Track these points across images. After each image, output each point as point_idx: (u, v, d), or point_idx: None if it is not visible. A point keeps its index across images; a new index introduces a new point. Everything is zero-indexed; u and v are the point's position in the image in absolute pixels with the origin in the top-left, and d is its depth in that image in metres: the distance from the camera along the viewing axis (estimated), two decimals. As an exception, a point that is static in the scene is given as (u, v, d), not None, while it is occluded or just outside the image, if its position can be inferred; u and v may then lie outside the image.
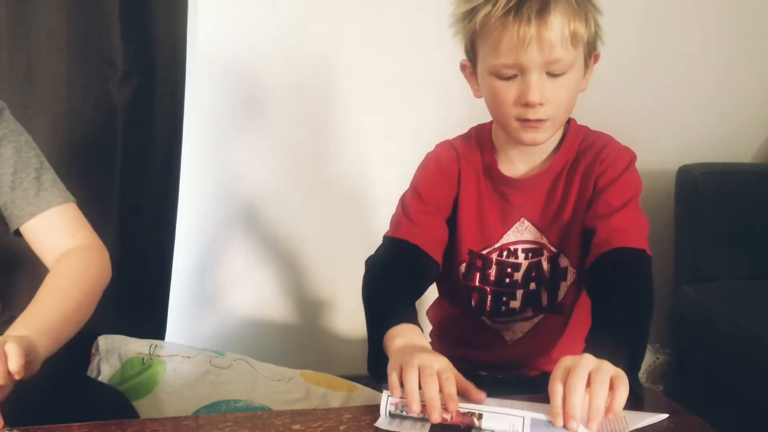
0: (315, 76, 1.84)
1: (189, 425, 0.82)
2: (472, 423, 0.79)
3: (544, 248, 1.10)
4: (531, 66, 0.96)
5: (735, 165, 2.00)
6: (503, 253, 1.11)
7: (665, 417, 0.83)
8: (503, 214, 1.10)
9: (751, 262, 1.86)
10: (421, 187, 1.11)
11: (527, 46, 0.94)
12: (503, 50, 0.96)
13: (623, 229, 1.00)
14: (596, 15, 1.00)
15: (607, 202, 1.03)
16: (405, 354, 0.85)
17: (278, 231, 1.93)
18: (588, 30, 0.98)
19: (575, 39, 0.96)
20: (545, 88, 0.97)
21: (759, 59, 2.04)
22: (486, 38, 0.98)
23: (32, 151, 1.07)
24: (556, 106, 0.99)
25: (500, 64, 0.98)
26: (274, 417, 0.83)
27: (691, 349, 1.83)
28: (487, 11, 0.96)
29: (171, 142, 1.72)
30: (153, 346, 1.32)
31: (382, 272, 1.05)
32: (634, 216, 1.03)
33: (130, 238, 1.69)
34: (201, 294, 1.92)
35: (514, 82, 0.98)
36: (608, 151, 1.06)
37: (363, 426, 0.81)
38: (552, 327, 1.13)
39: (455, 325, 1.19)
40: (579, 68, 1.00)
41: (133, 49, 1.63)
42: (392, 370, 0.83)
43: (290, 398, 1.29)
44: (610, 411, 0.76)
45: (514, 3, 0.94)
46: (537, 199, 1.09)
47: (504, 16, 0.94)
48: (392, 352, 0.89)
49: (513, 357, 1.14)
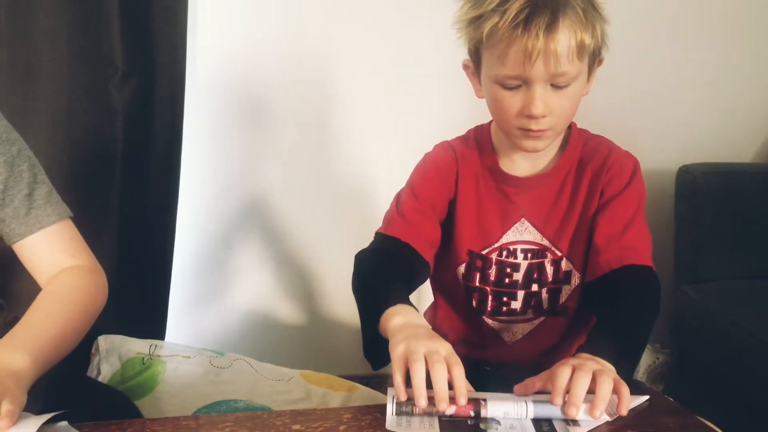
0: (315, 75, 1.84)
1: (189, 425, 0.82)
2: (478, 411, 0.80)
3: (547, 250, 1.10)
4: (536, 79, 0.95)
5: (735, 165, 2.01)
6: (503, 253, 1.11)
7: (647, 398, 0.87)
8: (504, 213, 1.10)
9: (751, 262, 1.86)
10: (417, 186, 1.11)
11: (534, 61, 0.93)
12: (509, 63, 0.95)
13: (634, 247, 1.02)
14: (603, 24, 0.99)
15: (616, 214, 1.04)
16: (409, 336, 0.84)
17: (278, 231, 1.93)
18: (594, 40, 0.97)
19: (582, 51, 0.95)
20: (549, 99, 0.97)
21: (759, 59, 2.04)
22: (492, 49, 0.97)
23: (25, 163, 0.99)
24: (558, 116, 0.99)
25: (505, 76, 0.97)
26: (274, 417, 0.83)
27: (691, 349, 1.83)
28: (495, 22, 0.94)
29: (171, 142, 1.72)
30: (153, 346, 1.32)
31: (373, 266, 1.05)
32: (642, 231, 1.05)
33: (130, 238, 1.69)
34: (201, 294, 1.92)
35: (518, 92, 0.98)
36: (614, 160, 1.07)
37: (363, 426, 0.81)
38: (552, 329, 1.13)
39: (453, 326, 1.19)
40: (583, 78, 1.00)
41: (133, 49, 1.63)
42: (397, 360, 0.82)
43: (290, 398, 1.29)
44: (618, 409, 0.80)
45: (523, 17, 0.92)
46: (540, 200, 1.09)
47: (512, 29, 0.93)
48: (392, 331, 0.88)
49: (511, 357, 1.15)
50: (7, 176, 0.97)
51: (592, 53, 0.99)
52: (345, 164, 1.91)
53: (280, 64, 1.82)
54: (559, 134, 1.06)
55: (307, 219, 1.92)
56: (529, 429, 0.79)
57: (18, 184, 0.98)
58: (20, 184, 0.98)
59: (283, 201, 1.91)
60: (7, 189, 0.97)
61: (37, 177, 1.00)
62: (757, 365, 1.54)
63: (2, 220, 0.98)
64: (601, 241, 1.04)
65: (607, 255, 1.02)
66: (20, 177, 0.98)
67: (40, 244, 0.99)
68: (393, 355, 0.84)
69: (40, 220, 0.98)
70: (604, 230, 1.04)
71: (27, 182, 0.99)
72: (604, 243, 1.03)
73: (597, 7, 0.98)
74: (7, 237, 0.99)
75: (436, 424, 0.79)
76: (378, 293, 0.98)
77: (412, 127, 1.84)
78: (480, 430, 0.79)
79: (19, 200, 0.98)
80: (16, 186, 0.98)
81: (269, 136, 1.87)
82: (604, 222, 1.05)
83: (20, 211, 0.98)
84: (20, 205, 0.98)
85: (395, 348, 0.84)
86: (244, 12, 1.78)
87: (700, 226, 1.87)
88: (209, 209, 1.89)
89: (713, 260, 1.86)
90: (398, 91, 1.87)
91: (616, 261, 1.01)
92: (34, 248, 0.99)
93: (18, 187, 0.98)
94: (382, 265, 1.05)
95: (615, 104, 1.89)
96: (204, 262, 1.91)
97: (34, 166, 1.01)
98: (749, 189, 1.91)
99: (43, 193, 1.00)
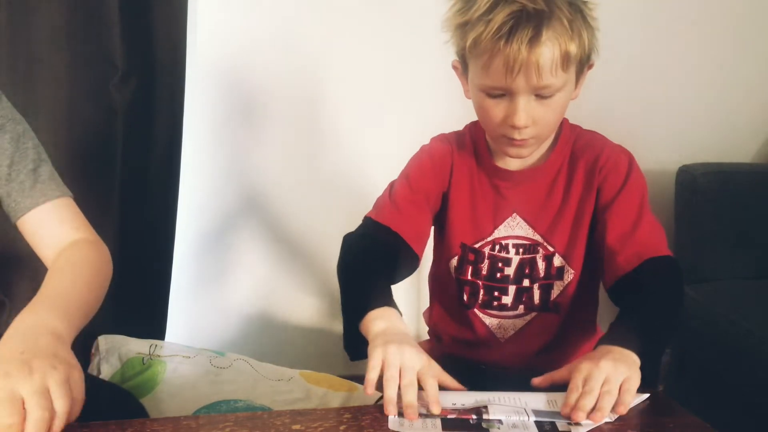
0: (316, 75, 1.84)
1: (189, 425, 0.82)
2: (480, 414, 0.82)
3: (539, 246, 1.10)
4: (519, 90, 0.95)
5: (735, 165, 2.00)
6: (495, 247, 1.11)
7: (647, 398, 0.87)
8: (496, 208, 1.10)
9: (751, 262, 1.86)
10: (412, 176, 1.12)
11: (516, 74, 0.93)
12: (492, 74, 0.95)
13: (648, 240, 1.02)
14: (591, 32, 0.98)
15: (622, 212, 1.04)
16: (388, 342, 0.87)
17: (279, 231, 1.93)
18: (581, 50, 0.96)
19: (567, 63, 0.95)
20: (533, 110, 0.97)
21: (759, 59, 2.04)
22: (476, 58, 0.97)
23: (30, 141, 1.03)
24: (542, 126, 1.00)
25: (488, 86, 0.98)
26: (274, 417, 0.83)
27: (691, 349, 1.83)
28: (479, 32, 0.94)
29: (171, 142, 1.72)
30: (153, 346, 1.32)
31: (361, 254, 1.06)
32: (653, 223, 1.04)
33: (130, 238, 1.69)
34: (201, 294, 1.92)
35: (502, 101, 0.98)
36: (606, 155, 1.07)
37: (363, 426, 0.81)
38: (545, 326, 1.13)
39: (446, 324, 1.19)
40: (570, 87, 1.00)
41: (133, 49, 1.63)
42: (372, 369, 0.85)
43: (290, 398, 1.29)
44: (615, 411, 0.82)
45: (506, 29, 0.92)
46: (531, 195, 1.09)
47: (495, 40, 0.92)
48: (373, 335, 0.90)
49: (506, 358, 1.14)
50: (14, 152, 1.01)
51: (580, 62, 0.98)
52: (348, 163, 1.90)
53: (280, 63, 1.82)
54: (543, 141, 1.06)
55: (308, 219, 1.92)
56: (532, 428, 0.80)
57: (24, 160, 1.01)
58: (26, 159, 1.02)
59: (283, 201, 1.91)
60: (13, 164, 1.00)
61: (41, 156, 1.04)
62: (757, 365, 1.54)
63: (8, 194, 1.00)
64: (615, 242, 1.03)
65: (624, 254, 1.01)
66: (26, 153, 1.02)
67: (46, 216, 1.01)
68: (369, 361, 0.86)
69: (45, 193, 1.01)
70: (614, 231, 1.03)
71: (32, 158, 1.02)
72: (619, 243, 1.02)
73: (586, 16, 0.97)
74: (13, 212, 1.01)
75: (439, 423, 0.80)
76: (361, 292, 0.99)
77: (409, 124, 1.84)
78: (482, 429, 0.79)
79: (25, 174, 1.01)
80: (21, 162, 1.01)
81: (270, 136, 1.87)
82: (613, 222, 1.04)
83: (26, 185, 1.01)
84: (26, 178, 1.01)
85: (373, 351, 0.87)
86: (244, 12, 1.78)
87: (700, 226, 1.87)
88: (209, 209, 1.88)
89: (713, 260, 1.86)
90: (395, 90, 1.86)
91: (635, 258, 1.00)
92: (41, 221, 1.01)
93: (23, 162, 1.01)
94: (368, 255, 1.05)
95: (615, 104, 1.89)
96: (204, 262, 1.91)
97: (38, 146, 1.05)
98: (749, 189, 1.90)
99: (47, 170, 1.04)
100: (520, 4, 0.92)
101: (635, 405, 0.84)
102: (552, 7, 0.93)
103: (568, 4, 0.95)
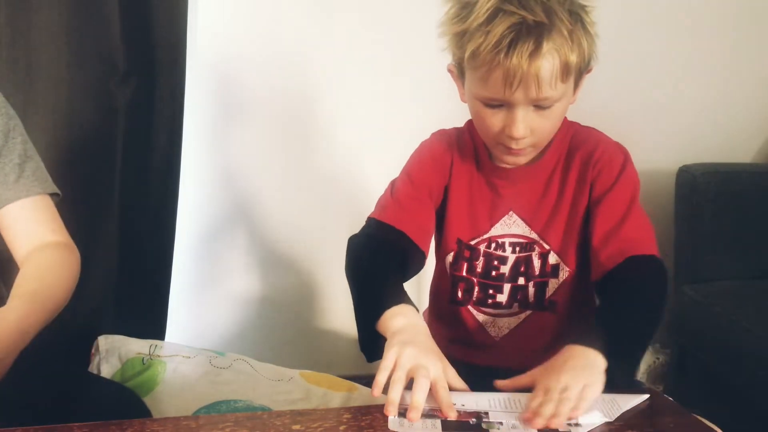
0: (316, 75, 1.84)
1: (189, 425, 0.82)
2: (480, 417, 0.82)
3: (535, 244, 1.09)
4: (518, 102, 0.95)
5: (735, 165, 2.00)
6: (491, 245, 1.10)
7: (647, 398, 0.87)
8: (493, 206, 1.10)
9: (751, 262, 1.86)
10: (413, 172, 1.11)
11: (515, 88, 0.93)
12: (490, 86, 0.95)
13: (634, 238, 1.01)
14: (589, 39, 0.97)
15: (611, 208, 1.03)
16: (406, 343, 0.86)
17: (279, 231, 1.93)
18: (580, 59, 0.95)
19: (566, 73, 0.94)
20: (531, 121, 0.97)
21: (759, 59, 2.04)
22: (474, 69, 0.96)
23: (19, 137, 1.04)
24: (540, 135, 1.00)
25: (486, 97, 0.97)
26: (274, 417, 0.83)
27: (691, 349, 1.83)
28: (478, 44, 0.92)
29: (171, 142, 1.72)
30: (153, 346, 1.32)
31: (369, 255, 1.05)
32: (640, 221, 1.03)
33: (130, 238, 1.69)
34: (201, 294, 1.92)
35: (500, 111, 0.97)
36: (601, 151, 1.06)
37: (363, 426, 0.81)
38: (541, 325, 1.11)
39: (440, 322, 1.18)
40: (568, 95, 0.99)
41: (133, 49, 1.63)
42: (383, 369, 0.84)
43: (290, 398, 1.29)
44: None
45: (507, 42, 0.90)
46: (528, 194, 1.09)
47: (494, 53, 0.91)
48: (391, 333, 0.90)
49: (501, 358, 1.12)
50: (2, 145, 1.01)
51: (579, 70, 0.98)
52: (349, 164, 1.90)
53: (280, 63, 1.82)
54: (541, 148, 1.06)
55: (309, 219, 1.92)
56: (532, 430, 0.79)
57: (11, 154, 1.02)
58: (12, 153, 1.02)
59: (284, 201, 1.91)
60: (0, 156, 1.01)
61: (28, 152, 1.05)
62: (757, 365, 1.54)
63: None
64: (600, 237, 1.02)
65: (607, 251, 1.01)
66: (14, 147, 1.03)
67: (24, 212, 1.02)
68: (383, 360, 0.86)
69: (27, 189, 1.02)
70: (601, 227, 1.03)
71: (19, 153, 1.03)
72: (604, 239, 1.02)
73: (586, 24, 0.96)
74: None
75: (439, 424, 0.80)
76: (376, 289, 0.98)
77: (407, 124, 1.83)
78: (483, 430, 0.79)
79: (10, 167, 1.01)
80: (9, 155, 1.02)
81: (270, 135, 1.87)
82: (600, 218, 1.03)
83: (9, 178, 1.01)
84: (10, 171, 1.01)
85: (388, 351, 0.86)
86: (243, 12, 1.78)
87: (700, 226, 1.87)
88: (209, 208, 1.88)
89: (713, 260, 1.86)
90: (394, 89, 1.86)
91: (618, 255, 0.99)
92: (18, 216, 1.02)
93: (10, 156, 1.02)
94: (377, 255, 1.04)
95: (615, 104, 1.89)
96: (204, 262, 1.91)
97: (26, 142, 1.05)
98: (749, 189, 1.91)
99: (33, 166, 1.04)
100: (520, 15, 0.91)
101: (635, 405, 0.84)
102: (552, 18, 0.92)
103: (568, 13, 0.93)
